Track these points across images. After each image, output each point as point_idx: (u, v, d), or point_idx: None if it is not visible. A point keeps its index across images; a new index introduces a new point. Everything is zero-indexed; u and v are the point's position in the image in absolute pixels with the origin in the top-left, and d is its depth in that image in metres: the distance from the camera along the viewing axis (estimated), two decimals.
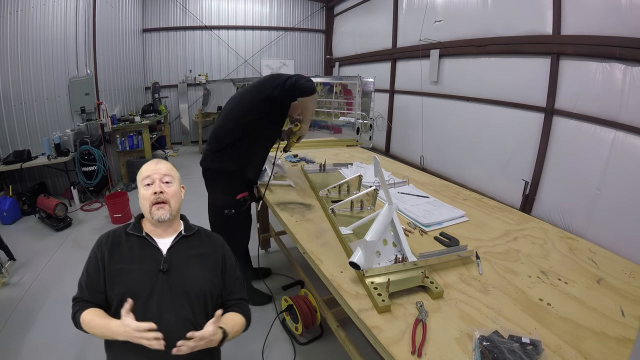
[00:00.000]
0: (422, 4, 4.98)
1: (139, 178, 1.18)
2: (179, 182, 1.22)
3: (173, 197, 1.16)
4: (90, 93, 4.40)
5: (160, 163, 1.20)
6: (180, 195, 1.21)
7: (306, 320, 1.93)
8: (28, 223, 3.65)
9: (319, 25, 8.47)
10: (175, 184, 1.18)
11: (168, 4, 7.16)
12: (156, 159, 1.24)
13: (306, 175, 2.25)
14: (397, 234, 1.29)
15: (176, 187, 1.18)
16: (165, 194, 1.14)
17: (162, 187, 1.14)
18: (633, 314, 1.02)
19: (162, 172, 1.16)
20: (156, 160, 1.21)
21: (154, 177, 1.15)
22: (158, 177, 1.15)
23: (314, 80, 5.10)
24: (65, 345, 1.92)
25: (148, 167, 1.18)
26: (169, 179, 1.17)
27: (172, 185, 1.17)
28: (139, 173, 1.19)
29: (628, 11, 2.58)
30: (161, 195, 1.13)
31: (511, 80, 3.69)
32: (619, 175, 2.70)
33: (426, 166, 5.08)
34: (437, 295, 1.07)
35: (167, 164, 1.21)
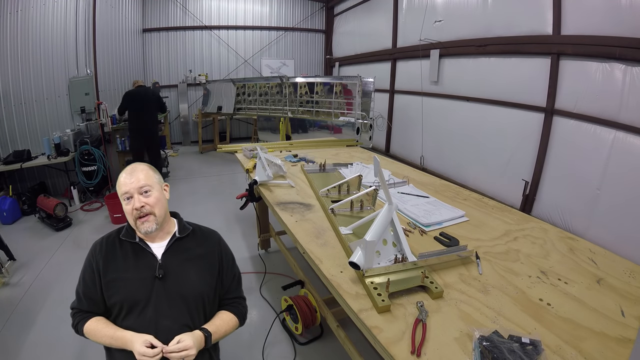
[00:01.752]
0: (422, 4, 4.98)
1: (118, 191, 1.12)
2: (160, 185, 1.16)
3: (156, 205, 1.10)
4: (90, 93, 4.40)
5: (135, 172, 1.11)
6: (164, 199, 1.16)
7: (306, 320, 1.93)
8: (28, 223, 3.65)
9: (319, 25, 8.47)
10: (155, 190, 1.12)
11: (168, 4, 7.16)
12: (131, 166, 1.15)
13: (306, 175, 2.25)
14: (397, 233, 1.29)
15: (157, 194, 1.12)
16: (147, 207, 1.09)
17: (141, 200, 1.08)
18: (633, 314, 1.02)
19: (139, 185, 1.09)
20: (131, 169, 1.13)
21: (131, 192, 1.09)
22: (135, 190, 1.09)
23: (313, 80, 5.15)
24: (65, 345, 1.92)
25: (124, 180, 1.11)
26: (148, 188, 1.10)
27: (152, 193, 1.11)
28: (117, 185, 1.13)
29: (628, 11, 2.58)
30: (142, 209, 1.08)
31: (511, 80, 3.69)
32: (619, 175, 2.70)
33: (426, 166, 5.08)
34: (437, 295, 1.07)
35: (142, 170, 1.13)
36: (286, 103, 5.45)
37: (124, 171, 1.14)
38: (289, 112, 5.33)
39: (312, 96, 5.12)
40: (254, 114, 6.04)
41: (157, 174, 1.17)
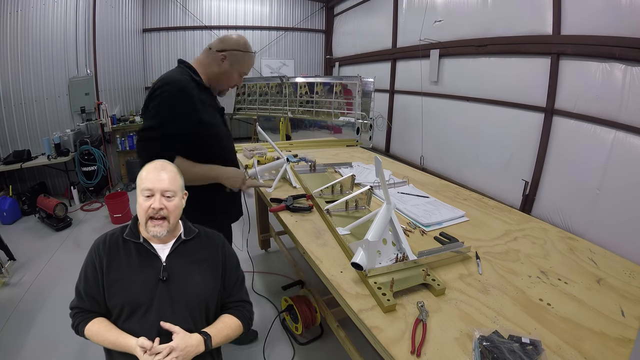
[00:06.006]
0: (422, 4, 4.98)
1: (138, 183, 1.07)
2: (182, 192, 1.12)
3: (173, 212, 1.07)
4: (90, 93, 4.40)
5: (163, 172, 1.07)
6: (182, 206, 1.12)
7: (306, 320, 1.93)
8: (28, 223, 3.65)
9: (319, 25, 8.47)
10: (177, 197, 1.08)
11: (168, 4, 7.16)
12: (160, 163, 1.10)
13: (297, 177, 2.19)
14: (396, 232, 1.29)
15: (177, 201, 1.08)
16: (164, 210, 1.04)
17: (162, 202, 1.04)
18: (633, 314, 1.02)
19: (164, 187, 1.05)
20: (160, 166, 1.08)
21: (155, 190, 1.04)
22: (159, 190, 1.04)
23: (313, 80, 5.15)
24: (65, 345, 1.92)
25: (150, 176, 1.06)
26: (172, 193, 1.06)
27: (174, 200, 1.07)
28: (139, 177, 1.07)
29: (628, 11, 2.57)
30: (161, 211, 1.04)
31: (511, 80, 3.69)
32: (619, 175, 2.70)
33: (426, 166, 5.08)
34: (440, 292, 1.07)
35: (170, 172, 1.08)
36: (286, 103, 5.45)
37: (151, 166, 1.08)
38: (289, 112, 5.33)
39: (312, 96, 5.12)
40: (254, 114, 6.04)
41: (182, 180, 1.12)
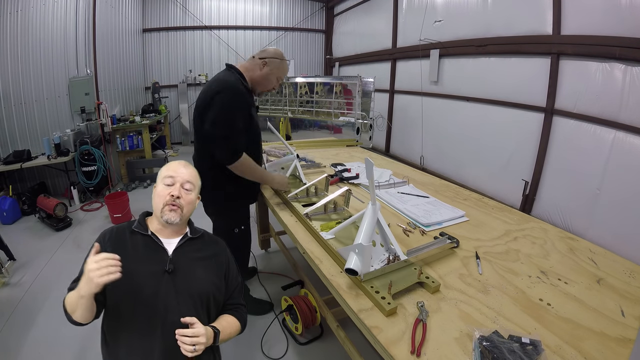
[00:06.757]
0: (422, 4, 4.98)
1: (160, 173, 1.16)
2: (198, 192, 1.21)
3: (187, 205, 1.14)
4: (90, 93, 4.40)
5: (187, 167, 1.18)
6: (195, 205, 1.20)
7: (306, 320, 1.93)
8: (28, 223, 3.65)
9: (319, 25, 8.47)
10: (194, 193, 1.17)
11: (168, 4, 7.16)
12: (185, 161, 1.22)
13: None
14: (383, 233, 1.27)
15: (193, 197, 1.17)
16: (181, 200, 1.12)
17: (181, 192, 1.12)
18: (633, 314, 1.02)
19: (185, 178, 1.14)
20: (185, 163, 1.20)
21: (176, 180, 1.13)
22: (180, 181, 1.13)
23: (313, 80, 5.15)
24: (65, 345, 1.92)
25: (174, 166, 1.16)
26: (190, 186, 1.15)
27: (191, 194, 1.15)
28: (162, 168, 1.17)
29: (628, 11, 2.57)
30: (177, 200, 1.11)
31: (511, 80, 3.69)
32: (619, 175, 2.70)
33: (426, 166, 5.08)
34: (435, 289, 1.07)
35: (193, 170, 1.19)
36: (286, 103, 5.46)
37: (177, 161, 1.20)
38: (289, 112, 5.33)
39: (312, 96, 5.12)
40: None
41: (200, 182, 1.22)
